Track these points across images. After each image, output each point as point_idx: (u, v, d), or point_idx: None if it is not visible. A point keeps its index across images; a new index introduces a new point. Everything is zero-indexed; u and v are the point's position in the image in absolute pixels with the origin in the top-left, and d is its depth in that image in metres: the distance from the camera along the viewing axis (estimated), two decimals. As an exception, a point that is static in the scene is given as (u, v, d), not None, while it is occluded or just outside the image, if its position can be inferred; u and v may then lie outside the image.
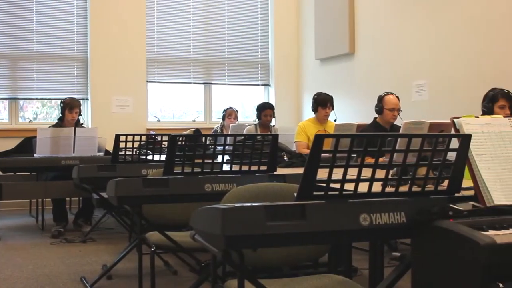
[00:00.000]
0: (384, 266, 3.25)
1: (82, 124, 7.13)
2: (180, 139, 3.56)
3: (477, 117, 2.16)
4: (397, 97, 5.80)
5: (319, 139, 1.77)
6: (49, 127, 6.61)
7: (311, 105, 6.59)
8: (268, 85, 9.83)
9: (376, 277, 2.95)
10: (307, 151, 5.42)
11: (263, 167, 3.33)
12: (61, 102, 6.94)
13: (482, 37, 6.33)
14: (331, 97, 6.54)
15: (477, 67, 6.37)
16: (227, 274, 3.27)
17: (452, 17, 6.73)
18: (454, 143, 1.98)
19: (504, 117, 2.20)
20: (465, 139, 1.98)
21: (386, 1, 7.81)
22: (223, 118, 8.21)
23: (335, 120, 6.50)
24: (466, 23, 6.54)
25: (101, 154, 6.32)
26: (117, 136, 4.65)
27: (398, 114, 5.77)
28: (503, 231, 1.73)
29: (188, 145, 3.45)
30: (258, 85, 9.84)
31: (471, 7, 6.47)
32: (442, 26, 6.86)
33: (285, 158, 4.49)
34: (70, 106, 6.78)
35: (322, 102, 6.45)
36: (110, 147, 4.92)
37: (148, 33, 9.03)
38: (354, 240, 3.37)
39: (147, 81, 9.04)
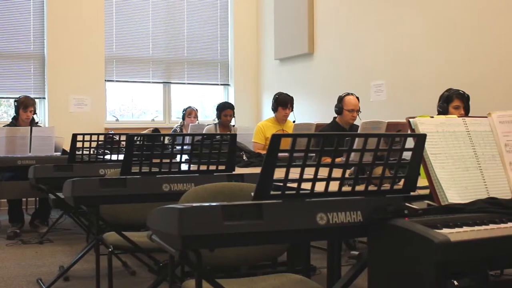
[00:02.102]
0: (342, 265, 3.26)
1: (37, 123, 7.02)
2: (138, 138, 3.53)
3: (432, 117, 2.18)
4: (357, 98, 5.85)
5: (276, 139, 1.77)
6: (3, 126, 6.48)
7: (271, 104, 6.60)
8: (228, 84, 9.82)
9: (334, 275, 2.96)
10: (264, 152, 5.43)
11: (222, 167, 3.32)
12: (15, 101, 6.82)
13: (438, 38, 6.42)
14: (292, 98, 6.56)
15: (433, 68, 6.47)
16: (186, 274, 3.25)
17: (409, 19, 6.81)
18: (410, 143, 2.00)
19: (458, 117, 2.23)
20: (420, 139, 2.00)
21: (345, 2, 7.87)
22: (183, 118, 8.18)
23: (294, 121, 6.52)
24: (423, 24, 6.63)
25: (58, 154, 6.23)
26: (74, 136, 4.58)
27: (358, 114, 5.81)
28: (456, 229, 1.75)
29: (146, 145, 3.42)
30: (217, 84, 9.83)
31: (428, 9, 6.56)
32: (400, 27, 6.94)
33: (244, 157, 4.50)
34: (24, 105, 6.67)
35: (283, 102, 6.48)
36: (67, 147, 4.86)
37: (107, 32, 8.94)
38: (311, 240, 3.39)
39: (105, 80, 8.96)
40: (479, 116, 2.28)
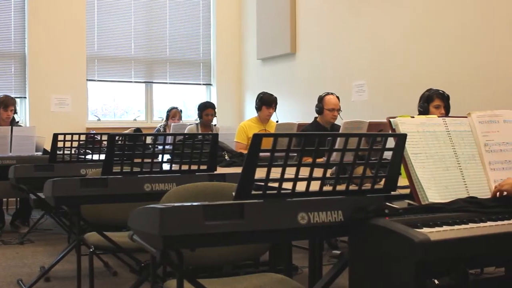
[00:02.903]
0: (324, 264, 3.28)
1: (18, 122, 6.96)
2: (120, 138, 3.52)
3: (413, 117, 2.20)
4: (337, 97, 5.86)
5: (257, 139, 1.77)
6: (-17, 126, 6.43)
7: (253, 104, 6.61)
8: (210, 84, 9.81)
9: (316, 275, 2.97)
10: (246, 152, 5.43)
11: (203, 167, 3.32)
12: (-4, 100, 6.77)
13: (419, 39, 6.46)
14: (276, 98, 6.57)
15: (414, 68, 6.51)
16: (167, 274, 3.25)
17: (390, 19, 6.85)
18: (391, 143, 2.01)
19: (438, 117, 2.25)
20: (401, 139, 2.01)
21: (327, 2, 7.89)
22: (167, 118, 8.16)
23: (277, 121, 6.53)
24: (404, 25, 6.66)
25: (39, 153, 6.18)
26: (55, 135, 4.55)
27: (338, 114, 5.82)
28: (436, 228, 1.76)
29: (127, 145, 3.41)
30: (200, 84, 9.81)
31: (409, 10, 6.60)
32: (381, 27, 6.97)
33: (226, 157, 4.50)
34: (4, 104, 6.61)
35: (267, 102, 6.48)
36: (49, 147, 4.83)
37: (88, 31, 8.89)
38: (293, 239, 3.40)
39: (87, 80, 8.90)
40: (459, 116, 2.30)
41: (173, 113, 8.12)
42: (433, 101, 4.73)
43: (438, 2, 6.27)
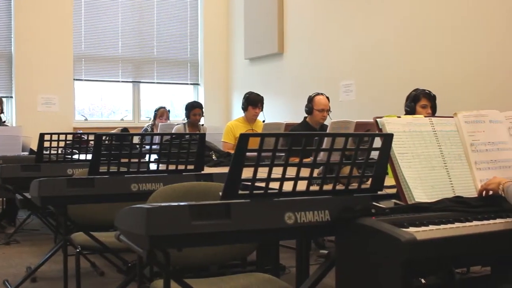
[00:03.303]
0: (311, 264, 3.28)
1: (4, 122, 6.93)
2: (106, 138, 3.51)
3: (399, 117, 2.20)
4: (327, 98, 5.86)
5: (244, 138, 1.77)
6: (-30, 125, 6.40)
7: (241, 104, 6.60)
8: (198, 84, 9.80)
9: (303, 274, 2.97)
10: (233, 151, 5.43)
11: (191, 167, 3.32)
12: (-18, 100, 6.73)
13: (406, 39, 6.48)
14: (262, 97, 6.56)
15: (401, 68, 6.52)
16: (154, 274, 3.23)
17: (377, 19, 6.86)
18: (378, 143, 2.02)
19: (425, 117, 2.26)
20: (387, 139, 2.02)
21: (315, 2, 7.90)
22: (155, 118, 8.14)
23: (263, 121, 6.52)
24: (392, 24, 6.68)
25: (26, 153, 6.15)
26: (41, 135, 4.53)
27: (328, 114, 5.83)
28: (423, 228, 1.77)
29: (114, 144, 3.40)
30: (187, 84, 9.79)
31: (397, 11, 6.62)
32: (368, 27, 6.99)
33: (214, 157, 4.49)
34: (-9, 104, 6.59)
35: (253, 102, 6.47)
36: (35, 146, 4.80)
37: (76, 30, 8.85)
38: (279, 239, 3.39)
39: (74, 79, 8.86)
40: (446, 116, 2.31)
41: (161, 113, 8.11)
42: (419, 101, 4.74)
43: (426, 2, 6.29)
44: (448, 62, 6.00)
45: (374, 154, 2.05)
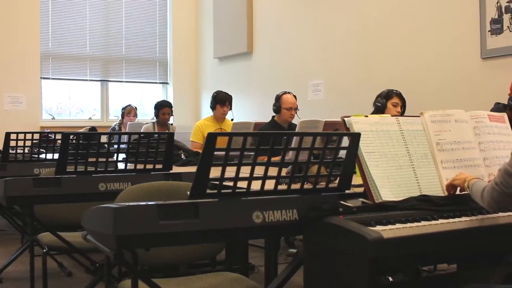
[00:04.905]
0: (280, 262, 3.29)
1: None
2: (74, 137, 3.48)
3: (367, 116, 2.22)
4: (295, 96, 5.89)
5: (211, 138, 1.77)
6: None
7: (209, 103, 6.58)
8: (167, 83, 9.76)
9: (272, 274, 2.98)
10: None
11: (159, 166, 3.30)
12: None
13: (374, 39, 6.53)
14: (231, 96, 6.55)
15: (370, 68, 6.57)
16: (123, 274, 3.22)
17: (345, 20, 6.91)
18: (346, 142, 2.03)
19: (392, 116, 2.28)
20: (355, 138, 2.03)
21: (284, 2, 7.92)
22: (122, 116, 8.08)
23: (232, 120, 6.52)
24: (359, 25, 6.72)
25: (-8, 153, 6.06)
26: (8, 134, 4.47)
27: (296, 113, 5.85)
28: (389, 226, 1.79)
29: (82, 144, 3.37)
30: (156, 83, 9.74)
31: (364, 11, 6.66)
32: (337, 27, 7.03)
33: (182, 156, 4.47)
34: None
35: (221, 100, 6.46)
36: (1, 146, 4.74)
37: (42, 28, 8.74)
38: (248, 238, 3.40)
39: (41, 78, 8.76)
40: (412, 115, 2.33)
41: (128, 110, 8.04)
42: (391, 99, 4.87)
43: (392, 3, 6.34)
44: (414, 61, 6.06)
45: (342, 153, 2.06)
